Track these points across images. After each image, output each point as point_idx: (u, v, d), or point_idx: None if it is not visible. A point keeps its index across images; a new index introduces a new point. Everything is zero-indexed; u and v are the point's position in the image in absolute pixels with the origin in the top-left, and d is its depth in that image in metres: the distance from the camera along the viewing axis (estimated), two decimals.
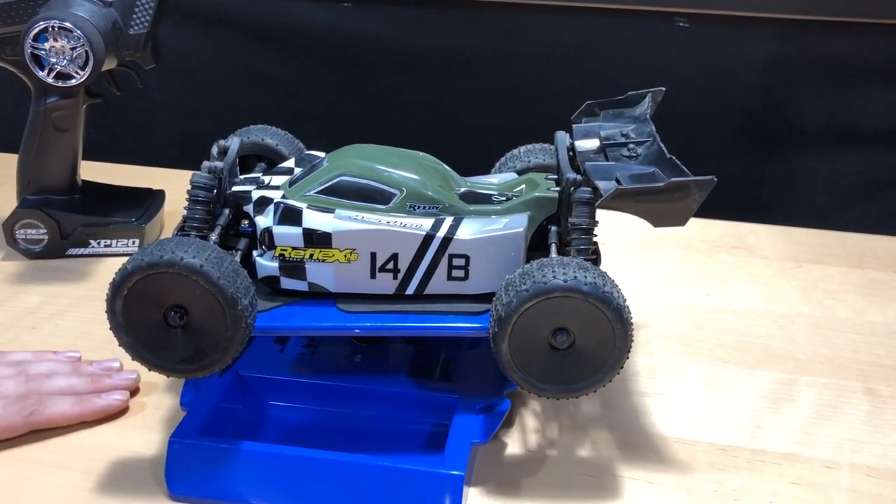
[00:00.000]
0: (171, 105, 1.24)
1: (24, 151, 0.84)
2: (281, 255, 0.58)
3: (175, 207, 0.92)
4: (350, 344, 0.67)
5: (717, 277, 0.85)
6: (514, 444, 0.63)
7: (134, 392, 0.66)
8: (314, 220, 0.58)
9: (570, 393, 0.55)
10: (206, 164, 0.60)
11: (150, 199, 0.90)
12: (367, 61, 1.18)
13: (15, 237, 0.85)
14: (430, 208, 0.59)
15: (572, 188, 0.58)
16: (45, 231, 0.85)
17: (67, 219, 0.85)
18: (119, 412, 0.64)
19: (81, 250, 0.86)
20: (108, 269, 0.84)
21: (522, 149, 0.72)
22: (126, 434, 0.63)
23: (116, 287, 0.53)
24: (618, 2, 1.09)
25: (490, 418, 0.60)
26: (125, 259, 0.54)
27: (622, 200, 0.55)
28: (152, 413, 0.65)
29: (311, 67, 1.20)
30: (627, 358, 0.54)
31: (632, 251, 0.89)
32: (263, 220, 0.59)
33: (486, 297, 0.59)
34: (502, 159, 0.72)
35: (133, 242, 0.86)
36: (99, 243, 0.86)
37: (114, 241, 0.86)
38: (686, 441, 0.63)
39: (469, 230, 0.58)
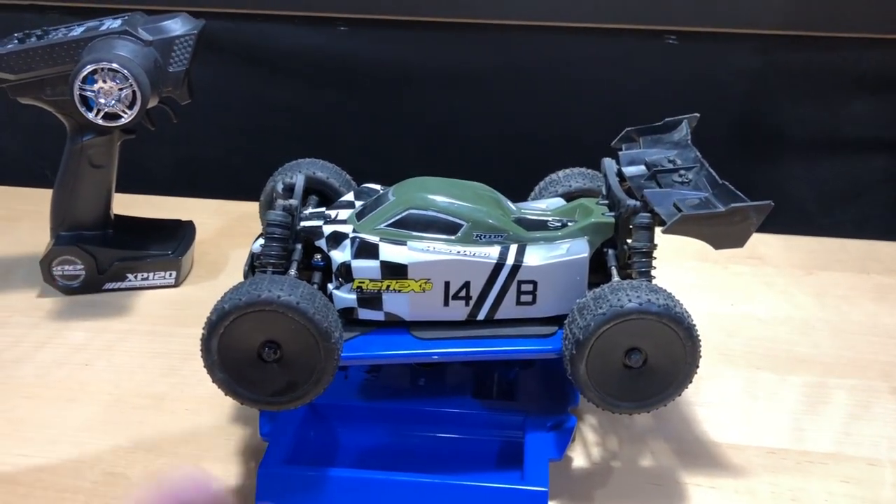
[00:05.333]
0: (165, 130, 1.24)
1: (60, 188, 0.84)
2: (359, 287, 0.61)
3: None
4: (411, 368, 0.70)
5: (737, 287, 0.90)
6: (579, 458, 0.66)
7: None
8: (390, 252, 0.60)
9: (644, 408, 0.59)
10: (280, 202, 0.62)
11: (183, 231, 0.92)
12: (363, 84, 1.20)
13: (52, 274, 0.85)
14: (495, 237, 0.62)
15: (631, 214, 0.62)
16: (82, 267, 0.85)
17: (104, 254, 0.86)
18: None
19: (118, 284, 0.87)
20: (146, 302, 0.85)
21: (561, 173, 0.75)
22: (205, 467, 0.65)
23: (213, 326, 0.55)
24: (609, 21, 1.13)
25: (560, 435, 0.63)
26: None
27: (686, 226, 0.58)
28: (226, 444, 0.67)
29: (306, 90, 1.21)
30: (696, 372, 0.58)
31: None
32: (340, 255, 0.61)
33: (553, 320, 0.62)
34: (542, 183, 0.75)
35: (170, 275, 0.87)
36: (136, 277, 0.87)
37: (151, 274, 0.87)
38: (737, 446, 0.67)
39: (536, 257, 0.61)
